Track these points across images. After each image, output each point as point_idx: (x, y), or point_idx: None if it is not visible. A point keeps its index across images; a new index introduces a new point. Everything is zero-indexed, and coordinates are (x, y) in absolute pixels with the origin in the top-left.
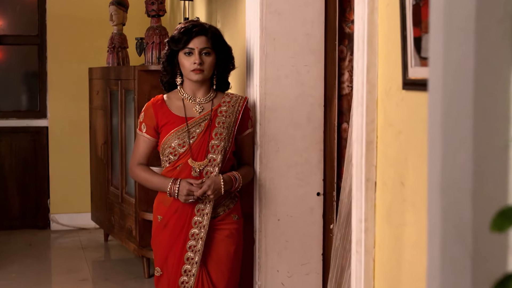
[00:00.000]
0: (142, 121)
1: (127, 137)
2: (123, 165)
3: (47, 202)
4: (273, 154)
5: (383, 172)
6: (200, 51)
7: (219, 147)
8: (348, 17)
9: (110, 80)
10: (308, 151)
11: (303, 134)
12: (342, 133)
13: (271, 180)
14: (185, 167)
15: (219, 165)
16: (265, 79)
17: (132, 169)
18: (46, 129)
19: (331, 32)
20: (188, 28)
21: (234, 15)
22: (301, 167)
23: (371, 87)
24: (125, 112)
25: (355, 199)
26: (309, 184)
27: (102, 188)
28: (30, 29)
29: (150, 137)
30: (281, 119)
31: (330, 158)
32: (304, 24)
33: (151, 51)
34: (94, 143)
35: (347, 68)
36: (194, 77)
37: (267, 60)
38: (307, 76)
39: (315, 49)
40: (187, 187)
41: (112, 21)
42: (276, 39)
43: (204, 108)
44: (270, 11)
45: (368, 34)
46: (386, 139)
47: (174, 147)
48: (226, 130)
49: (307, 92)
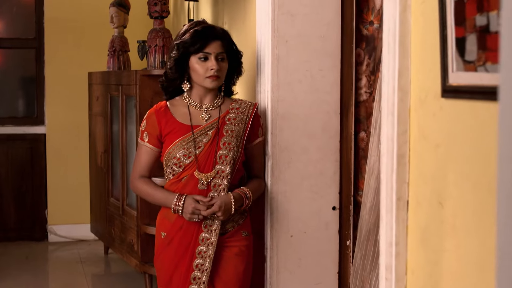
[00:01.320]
0: (144, 130)
1: (128, 146)
2: (124, 175)
3: (45, 212)
4: (285, 165)
5: (417, 190)
6: (216, 56)
7: (228, 158)
8: (365, 18)
9: (111, 85)
10: (323, 162)
11: (318, 143)
12: (359, 143)
13: (283, 193)
14: (190, 179)
15: (228, 177)
16: (277, 84)
17: (133, 182)
18: (43, 137)
19: (348, 34)
20: (201, 31)
21: (243, 17)
22: (316, 179)
23: (403, 95)
24: (126, 119)
25: (384, 220)
26: (324, 198)
27: (102, 199)
28: (27, 32)
29: (153, 147)
30: (294, 127)
31: (347, 169)
32: (319, 26)
33: (154, 54)
34: (94, 151)
35: (364, 73)
36: (210, 84)
37: (279, 64)
38: (322, 81)
39: (330, 53)
40: (193, 205)
41: (112, 23)
42: (288, 41)
43: (211, 116)
44: (283, 12)
45: (400, 34)
46: (421, 153)
47: (179, 157)
48: (235, 139)
49: (322, 99)
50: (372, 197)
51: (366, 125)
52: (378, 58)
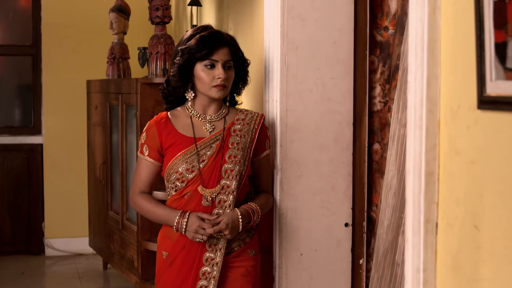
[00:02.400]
0: (143, 143)
1: (128, 157)
2: (123, 187)
3: (41, 225)
4: (295, 179)
5: (448, 211)
6: (223, 64)
7: (234, 172)
8: (380, 23)
9: (110, 93)
10: (335, 176)
11: (330, 156)
12: (373, 155)
13: (293, 209)
14: (194, 195)
15: (234, 193)
16: (286, 93)
17: (133, 199)
18: (40, 147)
19: (361, 40)
20: (208, 36)
21: (249, 21)
22: (327, 194)
23: (432, 105)
24: (126, 129)
25: (410, 243)
26: (336, 214)
27: (101, 212)
28: (23, 38)
29: (154, 161)
30: (305, 139)
31: (360, 183)
32: (331, 31)
33: (155, 62)
34: (92, 162)
35: (378, 82)
36: (216, 94)
37: (289, 72)
38: (334, 90)
39: (343, 60)
40: (197, 223)
41: (112, 29)
42: (299, 48)
43: (215, 127)
44: (292, 17)
45: (428, 39)
46: (452, 170)
47: (181, 172)
48: (241, 151)
49: (334, 109)
50: (390, 215)
51: (380, 136)
52: (394, 66)
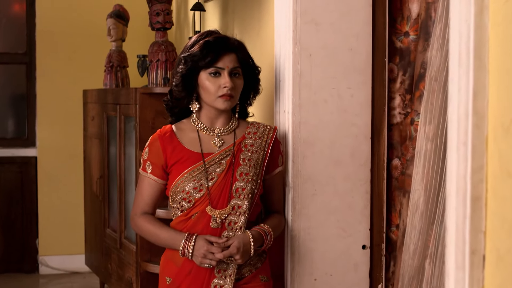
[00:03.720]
0: (146, 159)
1: (126, 171)
2: (122, 203)
3: (35, 242)
4: (309, 198)
5: (498, 242)
6: (230, 72)
7: (245, 191)
8: (399, 29)
9: (108, 104)
10: (352, 194)
11: (346, 172)
12: (392, 171)
13: (306, 231)
14: (202, 216)
15: (245, 213)
16: (299, 104)
17: (135, 220)
18: (34, 160)
19: (380, 46)
20: (213, 42)
21: (257, 27)
22: (343, 214)
23: (478, 120)
24: (125, 142)
25: (452, 278)
26: (352, 235)
27: (98, 229)
28: (17, 46)
29: (157, 179)
30: (319, 154)
31: (378, 202)
32: (347, 37)
33: (156, 70)
34: (89, 176)
35: (398, 92)
36: (222, 105)
37: (302, 81)
38: (351, 101)
39: (360, 68)
40: (205, 247)
41: (110, 36)
42: (312, 55)
43: (224, 142)
44: (306, 21)
45: (475, 43)
46: (504, 194)
47: (188, 191)
48: (253, 168)
49: (351, 121)
50: (416, 238)
51: (401, 151)
52: (417, 75)
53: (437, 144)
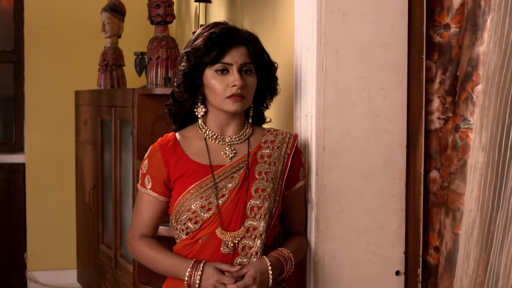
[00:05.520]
0: (145, 173)
1: (122, 181)
2: (117, 217)
3: (23, 256)
4: (334, 216)
5: None
6: (240, 68)
7: (262, 210)
8: (438, 21)
9: (102, 106)
10: (384, 212)
11: (378, 187)
12: (429, 185)
13: (331, 254)
14: (211, 240)
15: (262, 236)
16: (324, 108)
17: (132, 244)
18: (22, 166)
19: (417, 41)
20: (219, 34)
21: (272, 19)
22: (374, 235)
23: None
24: (121, 149)
25: None
26: (385, 259)
27: (91, 245)
28: (4, 43)
29: (158, 196)
30: (346, 166)
31: (414, 221)
32: (380, 30)
33: (156, 69)
34: (81, 186)
35: (437, 93)
36: (232, 107)
37: (327, 80)
38: (383, 104)
39: (394, 66)
40: (215, 277)
41: (104, 31)
42: (339, 50)
43: (237, 152)
44: (332, 11)
45: None
46: None
47: (194, 210)
48: (270, 183)
49: (383, 127)
50: (472, 270)
51: (440, 162)
52: (463, 73)
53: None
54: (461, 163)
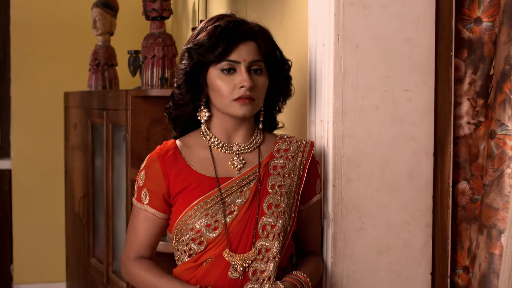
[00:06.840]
0: (142, 186)
1: (114, 190)
2: (109, 230)
3: (10, 268)
4: (354, 233)
5: None
6: (249, 67)
7: (276, 228)
8: (468, 14)
9: (93, 109)
10: (409, 228)
11: (402, 200)
12: (457, 198)
13: (350, 276)
14: (217, 263)
15: (275, 259)
16: (342, 111)
17: (126, 266)
18: (8, 173)
19: (445, 37)
20: (224, 27)
21: (280, 13)
22: (398, 254)
23: None
24: (113, 155)
25: None
26: (409, 281)
27: (81, 258)
28: None
29: (157, 213)
30: (367, 176)
31: (442, 238)
32: (404, 24)
33: (151, 69)
34: (71, 194)
35: (466, 95)
36: (239, 111)
37: (346, 80)
38: (408, 107)
39: (420, 64)
40: None
41: (95, 29)
42: (360, 46)
43: (246, 162)
44: (351, 3)
45: None
46: None
47: (199, 229)
48: (285, 198)
49: (408, 133)
50: None
51: (470, 172)
52: (499, 73)
53: None
54: (497, 174)
